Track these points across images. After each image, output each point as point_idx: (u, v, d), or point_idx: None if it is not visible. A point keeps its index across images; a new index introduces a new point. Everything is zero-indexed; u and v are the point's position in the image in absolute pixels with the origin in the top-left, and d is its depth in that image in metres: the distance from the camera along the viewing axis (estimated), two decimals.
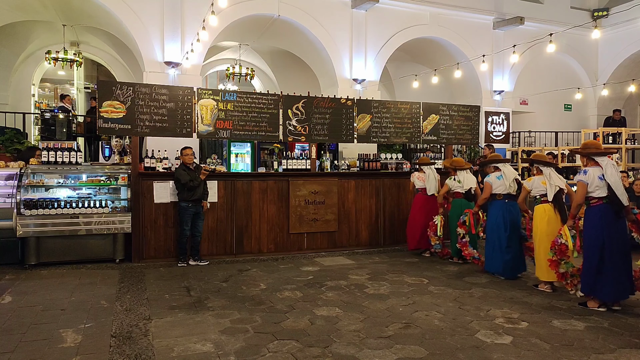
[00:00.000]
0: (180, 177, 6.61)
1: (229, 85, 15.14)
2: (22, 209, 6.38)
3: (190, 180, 6.60)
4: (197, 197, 6.74)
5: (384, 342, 3.86)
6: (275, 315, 4.52)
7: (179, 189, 6.71)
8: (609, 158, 4.76)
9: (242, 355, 3.58)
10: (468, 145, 10.39)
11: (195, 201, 6.74)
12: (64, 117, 9.99)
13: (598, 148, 4.88)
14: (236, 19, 9.19)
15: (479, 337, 3.97)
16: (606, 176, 4.60)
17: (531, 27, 11.42)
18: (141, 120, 6.81)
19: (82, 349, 3.70)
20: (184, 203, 6.67)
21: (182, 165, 6.75)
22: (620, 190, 4.58)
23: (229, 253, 7.25)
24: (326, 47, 9.97)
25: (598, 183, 4.66)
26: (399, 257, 7.38)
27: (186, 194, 6.65)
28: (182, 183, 6.59)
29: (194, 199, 6.70)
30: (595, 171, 4.70)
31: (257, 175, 7.57)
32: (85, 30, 11.57)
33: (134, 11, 8.56)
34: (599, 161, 4.72)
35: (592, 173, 4.70)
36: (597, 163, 4.73)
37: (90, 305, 4.82)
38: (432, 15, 10.95)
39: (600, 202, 4.69)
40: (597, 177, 4.67)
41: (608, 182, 4.59)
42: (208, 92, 7.30)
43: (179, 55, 8.79)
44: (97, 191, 7.11)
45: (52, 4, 9.53)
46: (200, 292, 5.36)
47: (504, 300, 5.06)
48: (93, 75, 15.29)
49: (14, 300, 4.98)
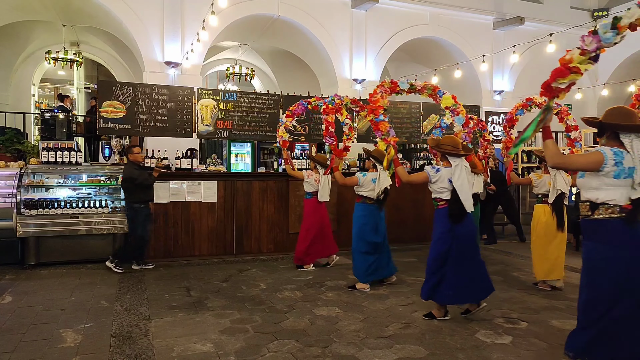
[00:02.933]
0: (134, 176, 6.14)
1: (229, 85, 15.14)
2: (22, 209, 6.38)
3: (146, 179, 6.22)
4: (151, 197, 6.41)
5: (384, 342, 3.87)
6: (275, 315, 4.53)
7: (129, 190, 6.21)
8: (471, 159, 4.37)
9: (242, 355, 3.59)
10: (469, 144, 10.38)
11: (148, 202, 6.36)
12: (64, 117, 9.98)
13: (455, 147, 4.38)
14: (236, 19, 9.19)
15: (478, 337, 3.97)
16: (453, 179, 4.28)
17: (531, 27, 11.42)
18: (141, 120, 6.81)
19: (82, 349, 3.70)
20: (137, 204, 6.23)
21: (132, 163, 6.32)
22: (465, 196, 4.26)
23: (229, 253, 7.25)
24: (326, 47, 9.97)
25: (446, 185, 4.33)
26: (398, 257, 7.37)
27: (141, 194, 6.24)
28: (136, 183, 6.13)
29: (147, 200, 6.34)
30: (446, 173, 4.34)
31: (257, 175, 7.57)
32: (85, 30, 11.57)
33: (134, 11, 8.56)
34: (451, 161, 4.35)
35: (443, 174, 4.34)
36: (450, 164, 4.36)
37: (90, 305, 4.82)
38: (432, 15, 10.94)
39: (446, 204, 4.36)
40: (447, 180, 4.33)
41: (454, 186, 4.26)
42: (208, 92, 7.31)
43: (179, 55, 8.79)
44: (97, 191, 7.11)
45: (52, 4, 9.53)
46: (200, 292, 5.36)
47: (504, 301, 5.06)
48: (93, 75, 15.29)
49: (14, 300, 4.99)
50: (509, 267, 6.77)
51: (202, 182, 7.13)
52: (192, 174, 7.18)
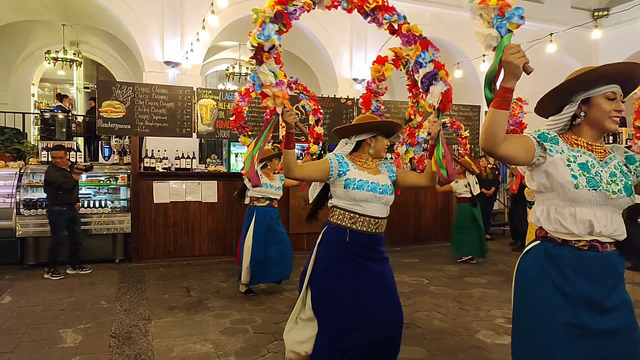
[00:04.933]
0: (54, 180, 5.90)
1: (228, 85, 15.13)
2: (22, 209, 6.38)
3: (65, 182, 5.94)
4: (74, 199, 6.18)
5: None
6: (275, 316, 4.52)
7: (51, 192, 5.98)
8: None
9: (242, 356, 3.58)
10: (469, 144, 10.37)
11: (72, 204, 6.14)
12: (63, 117, 9.98)
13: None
14: (236, 18, 9.18)
15: (479, 338, 3.97)
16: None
17: (531, 27, 11.40)
18: (141, 120, 6.80)
19: (82, 349, 3.69)
20: (58, 207, 5.98)
21: (54, 166, 6.08)
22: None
23: (229, 253, 7.24)
24: (326, 46, 9.97)
25: None
26: (398, 258, 7.37)
27: (63, 197, 5.99)
28: (56, 186, 5.89)
29: (71, 202, 6.11)
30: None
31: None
32: (85, 30, 11.56)
33: (134, 11, 8.55)
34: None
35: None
36: None
37: (89, 305, 4.81)
38: (432, 15, 10.94)
39: None
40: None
41: None
42: (208, 92, 7.30)
43: (179, 55, 8.79)
44: (96, 191, 7.11)
45: (51, 3, 9.52)
46: (200, 292, 5.35)
47: (504, 301, 5.05)
48: (93, 75, 15.27)
49: (14, 300, 4.98)
50: (509, 268, 6.77)
51: (202, 182, 7.12)
52: (192, 174, 7.18)
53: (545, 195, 1.89)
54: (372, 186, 2.61)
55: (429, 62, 2.61)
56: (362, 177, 2.63)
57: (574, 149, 1.89)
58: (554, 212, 1.84)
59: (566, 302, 1.77)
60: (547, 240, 1.87)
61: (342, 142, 2.82)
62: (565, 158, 1.84)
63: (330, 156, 2.70)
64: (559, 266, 1.80)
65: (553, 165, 1.83)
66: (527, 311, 1.85)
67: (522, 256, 1.94)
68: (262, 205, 5.12)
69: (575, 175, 1.79)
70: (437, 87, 2.57)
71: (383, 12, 2.68)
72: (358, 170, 2.69)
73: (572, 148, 1.89)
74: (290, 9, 2.50)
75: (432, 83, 2.60)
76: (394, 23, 2.71)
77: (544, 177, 1.86)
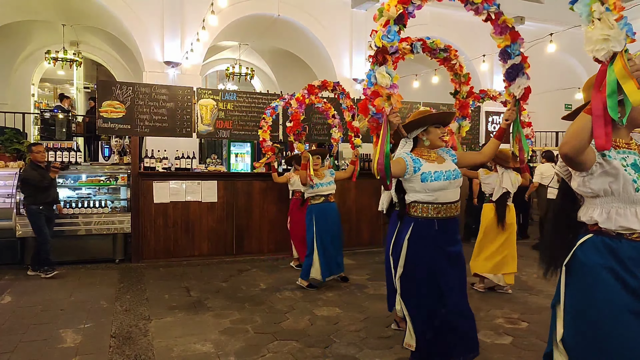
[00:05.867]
0: (29, 178, 5.80)
1: (228, 85, 15.13)
2: (22, 209, 6.36)
3: (40, 181, 5.83)
4: (52, 198, 6.06)
5: (384, 342, 3.86)
6: (275, 316, 4.52)
7: (28, 191, 5.89)
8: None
9: (242, 356, 3.58)
10: (468, 145, 10.37)
11: (49, 204, 6.03)
12: (63, 117, 9.98)
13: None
14: (236, 18, 9.18)
15: (479, 337, 3.95)
16: None
17: (531, 26, 11.40)
18: (141, 120, 6.80)
19: (82, 349, 3.69)
20: (35, 206, 5.86)
21: (32, 164, 5.96)
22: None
23: (229, 253, 7.24)
24: (326, 46, 9.96)
25: None
26: None
27: (40, 196, 5.88)
28: (32, 185, 5.81)
29: (49, 201, 6.00)
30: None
31: (257, 175, 7.55)
32: (85, 30, 11.55)
33: (134, 11, 8.55)
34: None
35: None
36: None
37: (89, 305, 4.81)
38: (432, 15, 10.92)
39: None
40: None
41: None
42: (208, 92, 7.30)
43: (179, 55, 8.78)
44: (96, 191, 7.11)
45: (51, 3, 9.52)
46: (200, 292, 5.35)
47: (504, 300, 5.05)
48: (93, 75, 15.26)
49: (14, 300, 4.98)
50: None
51: (202, 182, 7.12)
52: (192, 174, 7.18)
53: (602, 200, 1.93)
54: (446, 174, 2.86)
55: (517, 54, 2.93)
56: (435, 169, 2.86)
57: (619, 151, 1.94)
58: (615, 214, 1.90)
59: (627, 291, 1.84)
60: (601, 233, 1.93)
61: (402, 143, 3.02)
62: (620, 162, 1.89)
63: (403, 155, 2.91)
64: (619, 257, 1.87)
65: (614, 171, 1.88)
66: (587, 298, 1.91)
67: (577, 248, 1.99)
68: (318, 202, 5.43)
69: (635, 179, 1.87)
70: (523, 80, 2.93)
71: (483, 2, 2.93)
72: (428, 163, 2.91)
73: (617, 150, 1.94)
74: (410, 8, 2.66)
75: (519, 75, 2.93)
76: (491, 13, 2.96)
77: (603, 183, 1.90)
